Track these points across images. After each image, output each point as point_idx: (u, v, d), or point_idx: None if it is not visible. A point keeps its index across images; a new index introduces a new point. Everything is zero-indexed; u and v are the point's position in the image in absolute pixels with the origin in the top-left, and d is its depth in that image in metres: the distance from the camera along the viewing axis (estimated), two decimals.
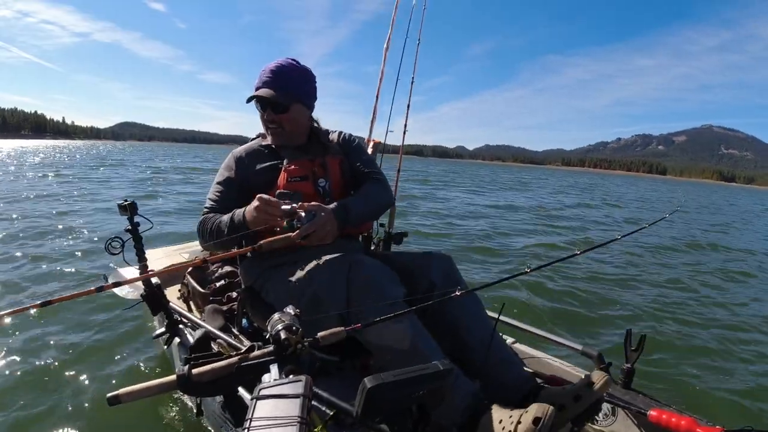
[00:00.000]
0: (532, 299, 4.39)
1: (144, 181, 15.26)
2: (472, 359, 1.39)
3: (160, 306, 1.74)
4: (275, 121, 1.64)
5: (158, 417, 2.11)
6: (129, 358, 2.67)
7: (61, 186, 12.11)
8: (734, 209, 22.57)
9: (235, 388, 1.01)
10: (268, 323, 0.95)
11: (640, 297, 4.90)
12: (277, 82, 1.61)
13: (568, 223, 11.17)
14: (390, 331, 1.22)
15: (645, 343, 1.47)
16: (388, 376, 0.78)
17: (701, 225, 13.25)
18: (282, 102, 1.61)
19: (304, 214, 1.32)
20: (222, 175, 1.70)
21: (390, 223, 2.39)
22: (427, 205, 12.33)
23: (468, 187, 21.97)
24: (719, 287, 5.75)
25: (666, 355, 3.36)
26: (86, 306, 3.31)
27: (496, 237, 8.16)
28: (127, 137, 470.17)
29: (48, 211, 7.71)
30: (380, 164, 2.27)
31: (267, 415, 0.72)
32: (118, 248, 1.47)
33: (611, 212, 15.09)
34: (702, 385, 2.96)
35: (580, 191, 27.09)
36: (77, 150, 45.67)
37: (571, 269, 5.68)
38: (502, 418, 1.08)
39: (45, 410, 2.14)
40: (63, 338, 2.86)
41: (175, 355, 2.15)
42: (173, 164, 27.17)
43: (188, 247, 3.11)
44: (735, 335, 3.96)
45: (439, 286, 1.46)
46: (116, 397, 0.91)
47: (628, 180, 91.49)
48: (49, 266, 4.43)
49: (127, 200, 1.60)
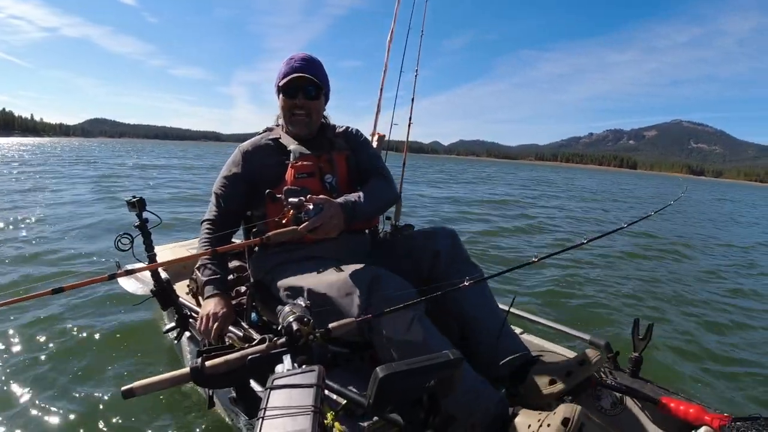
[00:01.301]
0: (538, 290, 4.40)
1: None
2: (482, 345, 1.41)
3: (170, 301, 1.76)
4: (305, 108, 1.64)
5: (170, 410, 2.13)
6: (138, 354, 2.70)
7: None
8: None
9: (247, 380, 1.02)
10: (280, 315, 0.96)
11: (648, 286, 4.89)
12: (310, 69, 1.62)
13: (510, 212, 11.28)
14: (399, 324, 1.23)
15: (653, 332, 1.48)
16: (401, 365, 0.79)
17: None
18: (319, 86, 1.64)
19: (311, 206, 1.33)
20: (229, 170, 1.70)
21: (396, 216, 2.40)
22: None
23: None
24: (731, 274, 5.73)
25: (674, 343, 3.36)
26: (96, 302, 3.35)
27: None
28: (97, 134, 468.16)
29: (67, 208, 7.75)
30: (385, 159, 2.27)
31: (281, 404, 0.73)
32: (128, 244, 1.48)
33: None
34: (710, 372, 2.97)
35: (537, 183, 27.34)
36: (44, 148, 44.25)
37: (578, 259, 5.69)
38: (530, 423, 1.09)
39: (57, 403, 2.17)
40: (73, 334, 2.89)
41: (185, 349, 2.18)
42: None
43: (195, 244, 3.12)
44: (744, 323, 3.96)
45: (444, 255, 1.50)
46: (130, 390, 0.92)
47: (598, 174, 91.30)
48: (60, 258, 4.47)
49: (136, 197, 1.61)
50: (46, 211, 7.39)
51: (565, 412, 1.01)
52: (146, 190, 11.81)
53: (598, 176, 62.16)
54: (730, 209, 20.01)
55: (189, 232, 5.69)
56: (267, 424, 0.70)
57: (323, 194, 1.53)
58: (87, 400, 2.21)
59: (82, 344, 2.79)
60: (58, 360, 2.58)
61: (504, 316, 1.47)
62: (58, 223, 6.51)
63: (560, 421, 1.00)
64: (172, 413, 2.12)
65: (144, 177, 15.83)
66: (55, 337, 2.85)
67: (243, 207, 1.72)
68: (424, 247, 1.53)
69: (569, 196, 18.70)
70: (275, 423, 0.70)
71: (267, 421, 0.70)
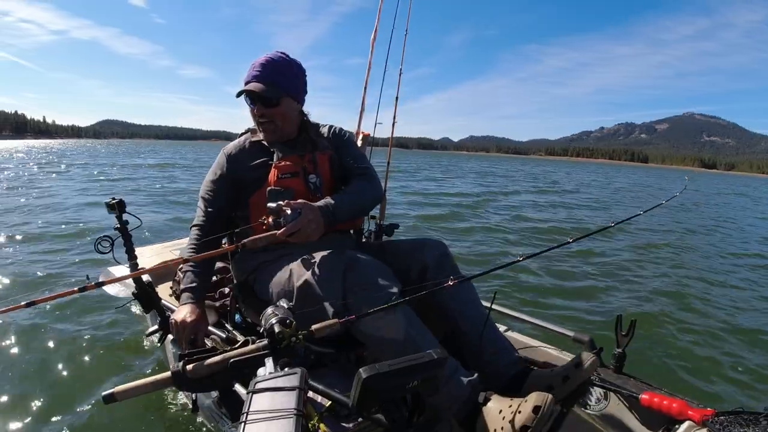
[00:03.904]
0: (523, 287, 4.43)
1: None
2: (466, 345, 1.41)
3: (152, 303, 1.73)
4: (266, 116, 1.61)
5: (153, 415, 2.10)
6: (121, 358, 2.66)
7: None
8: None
9: (230, 383, 1.01)
10: (262, 317, 0.95)
11: (630, 283, 4.97)
12: (266, 76, 1.58)
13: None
14: (383, 323, 1.22)
15: (635, 328, 1.49)
16: (383, 366, 0.79)
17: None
18: (272, 96, 1.58)
19: (289, 211, 1.31)
20: (214, 173, 1.69)
21: (381, 215, 2.39)
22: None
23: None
24: (708, 270, 5.84)
25: (657, 338, 3.41)
26: (77, 306, 3.29)
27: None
28: (108, 135, 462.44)
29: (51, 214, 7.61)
30: (369, 157, 2.26)
31: (263, 408, 0.72)
32: (108, 247, 1.45)
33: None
34: (693, 367, 3.02)
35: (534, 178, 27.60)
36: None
37: (562, 258, 5.74)
38: (501, 408, 1.09)
39: (40, 410, 2.13)
40: (54, 339, 2.84)
41: (169, 352, 2.14)
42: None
43: (178, 245, 3.09)
44: (726, 318, 4.04)
45: (432, 269, 1.48)
46: (111, 395, 0.91)
47: (604, 168, 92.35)
48: (44, 265, 4.38)
49: (115, 198, 1.58)
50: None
51: (536, 400, 1.01)
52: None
53: (601, 170, 61.52)
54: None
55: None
56: (249, 428, 0.69)
57: (307, 194, 1.52)
58: (68, 406, 2.17)
59: (63, 348, 2.74)
60: (38, 365, 2.53)
61: (488, 314, 1.47)
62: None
63: (531, 409, 1.00)
64: (154, 418, 2.09)
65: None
66: (36, 341, 2.80)
67: (231, 209, 1.70)
68: (412, 259, 1.51)
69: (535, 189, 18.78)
70: (257, 427, 0.69)
71: (249, 426, 0.69)
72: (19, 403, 2.19)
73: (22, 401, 2.20)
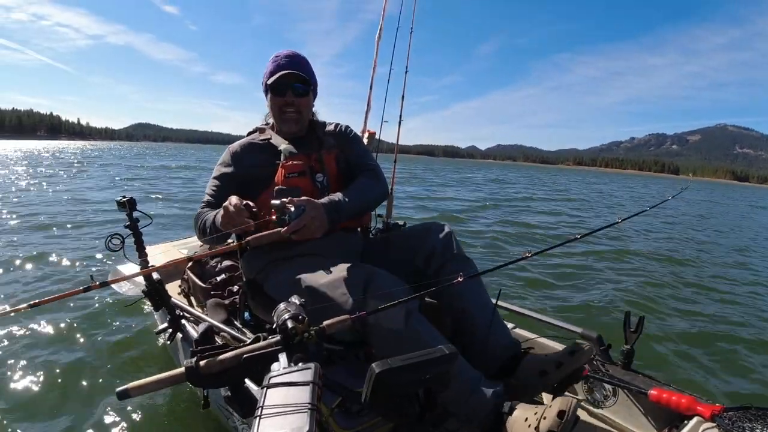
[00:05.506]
0: (531, 284, 4.43)
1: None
2: (471, 336, 1.42)
3: (163, 302, 1.74)
4: (294, 105, 1.63)
5: (165, 411, 2.12)
6: (130, 356, 2.67)
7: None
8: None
9: (242, 379, 1.02)
10: (275, 313, 0.95)
11: (639, 280, 4.95)
12: (297, 65, 1.62)
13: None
14: (393, 320, 1.23)
15: (644, 325, 1.49)
16: (396, 361, 0.79)
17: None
18: (307, 84, 1.63)
19: (293, 209, 1.30)
20: (218, 171, 1.69)
21: (388, 213, 2.39)
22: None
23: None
24: (718, 269, 5.81)
25: (665, 335, 3.40)
26: (87, 305, 3.31)
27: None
28: (141, 138, 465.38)
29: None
30: (376, 157, 2.27)
31: (278, 402, 0.72)
32: (119, 245, 1.47)
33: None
34: (702, 364, 3.01)
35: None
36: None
37: (571, 256, 5.74)
38: (527, 416, 1.10)
39: (52, 407, 2.15)
40: (64, 337, 2.86)
41: (179, 349, 2.16)
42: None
43: (187, 243, 3.10)
44: (734, 316, 4.02)
45: (438, 254, 1.50)
46: (125, 391, 0.91)
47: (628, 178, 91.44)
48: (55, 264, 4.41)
49: (126, 196, 1.60)
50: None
51: (561, 405, 1.03)
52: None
53: (618, 181, 59.83)
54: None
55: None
56: (264, 422, 0.69)
57: (315, 193, 1.53)
58: (81, 403, 2.19)
59: (74, 347, 2.76)
60: (50, 363, 2.54)
61: (494, 309, 1.48)
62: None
63: (556, 414, 1.02)
64: (166, 414, 2.10)
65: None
66: (47, 340, 2.82)
67: None
68: (419, 243, 1.53)
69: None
70: (273, 421, 0.69)
71: (264, 420, 0.69)
72: (31, 399, 2.21)
73: (34, 398, 2.22)
